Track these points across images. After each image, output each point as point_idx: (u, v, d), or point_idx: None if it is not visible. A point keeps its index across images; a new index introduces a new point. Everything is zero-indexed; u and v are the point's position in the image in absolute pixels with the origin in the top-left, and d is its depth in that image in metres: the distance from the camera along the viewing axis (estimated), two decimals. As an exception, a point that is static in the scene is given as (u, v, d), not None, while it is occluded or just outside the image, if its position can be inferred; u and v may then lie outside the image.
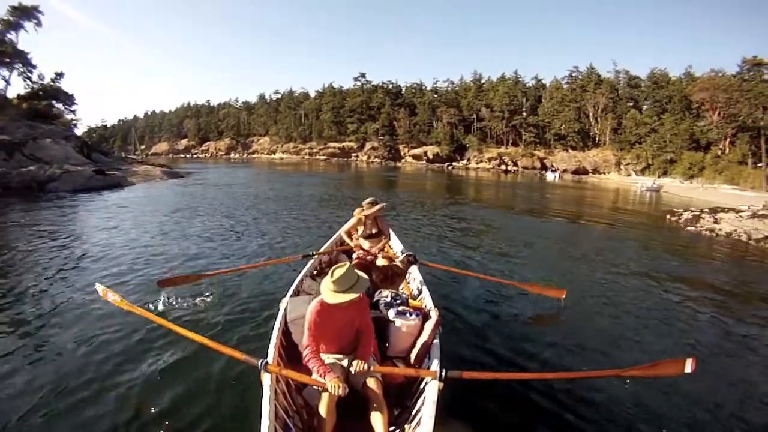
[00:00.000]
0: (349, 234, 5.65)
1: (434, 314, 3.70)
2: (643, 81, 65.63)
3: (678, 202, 27.21)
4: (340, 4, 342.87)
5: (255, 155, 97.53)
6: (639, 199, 29.41)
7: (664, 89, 60.83)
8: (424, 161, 73.12)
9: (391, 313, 3.68)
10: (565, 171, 60.95)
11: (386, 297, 3.93)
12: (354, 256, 5.39)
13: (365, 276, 3.11)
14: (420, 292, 4.67)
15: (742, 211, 16.88)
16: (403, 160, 76.59)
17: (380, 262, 5.16)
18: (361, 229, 5.48)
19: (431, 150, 73.82)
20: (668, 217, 16.87)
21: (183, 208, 15.00)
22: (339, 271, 2.91)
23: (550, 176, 55.94)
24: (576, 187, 39.39)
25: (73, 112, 41.09)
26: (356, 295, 2.88)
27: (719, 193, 35.10)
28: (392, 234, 6.21)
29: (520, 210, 18.90)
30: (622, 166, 58.35)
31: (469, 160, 71.55)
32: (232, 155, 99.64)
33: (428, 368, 3.13)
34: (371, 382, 2.79)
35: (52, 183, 19.67)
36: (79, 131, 42.69)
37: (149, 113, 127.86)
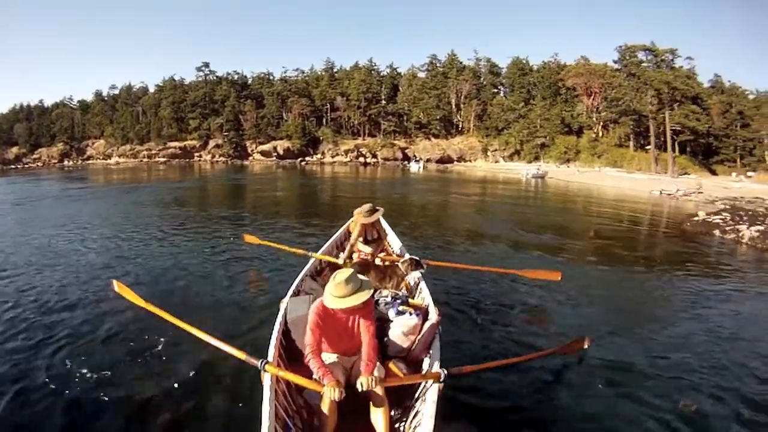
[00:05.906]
0: (351, 239, 4.91)
1: (434, 313, 3.25)
2: (503, 69, 56.76)
3: (579, 189, 24.11)
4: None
5: (90, 161, 72.17)
6: (527, 186, 26.13)
7: (528, 75, 52.53)
8: (274, 158, 56.36)
9: (391, 313, 3.17)
10: (429, 161, 49.07)
11: (386, 296, 3.37)
12: (354, 255, 4.78)
13: (368, 279, 2.72)
14: (420, 290, 4.06)
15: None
16: (250, 158, 58.72)
17: (380, 261, 4.73)
18: (361, 237, 4.83)
19: (281, 145, 56.00)
20: (718, 233, 10.46)
21: None
22: (341, 275, 2.49)
23: (413, 167, 46.32)
24: (457, 180, 32.16)
25: None
26: (357, 303, 2.46)
27: (607, 176, 31.44)
28: (391, 232, 5.86)
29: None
30: (489, 153, 48.54)
31: (323, 153, 55.08)
32: (66, 163, 73.14)
33: (428, 367, 2.84)
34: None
35: None
36: None
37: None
